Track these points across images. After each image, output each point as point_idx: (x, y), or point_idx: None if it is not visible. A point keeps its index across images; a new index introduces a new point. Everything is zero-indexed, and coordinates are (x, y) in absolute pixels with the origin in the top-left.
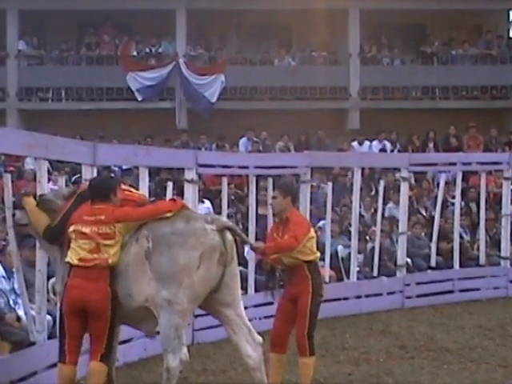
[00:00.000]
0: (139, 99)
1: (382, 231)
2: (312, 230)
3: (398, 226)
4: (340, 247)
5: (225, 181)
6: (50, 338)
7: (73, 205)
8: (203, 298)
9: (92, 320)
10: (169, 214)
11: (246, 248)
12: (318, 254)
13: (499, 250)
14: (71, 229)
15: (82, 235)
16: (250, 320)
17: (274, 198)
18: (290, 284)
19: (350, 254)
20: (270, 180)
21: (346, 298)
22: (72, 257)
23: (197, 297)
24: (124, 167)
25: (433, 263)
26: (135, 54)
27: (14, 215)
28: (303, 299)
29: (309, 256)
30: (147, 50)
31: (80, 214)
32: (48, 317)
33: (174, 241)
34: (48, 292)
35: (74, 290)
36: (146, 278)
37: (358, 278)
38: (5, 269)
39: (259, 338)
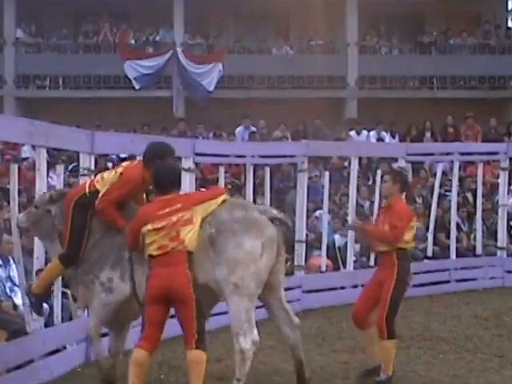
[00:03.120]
0: (136, 88)
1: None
2: (414, 219)
3: None
4: (337, 236)
5: (222, 170)
6: (46, 326)
7: (76, 216)
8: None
9: (178, 307)
10: (222, 198)
11: None
12: (413, 244)
13: (496, 240)
14: (145, 229)
15: (159, 230)
16: None
17: (384, 181)
18: (379, 267)
19: (346, 243)
20: (267, 169)
21: (342, 288)
22: (151, 249)
23: (262, 282)
24: (121, 156)
25: (429, 253)
26: (133, 42)
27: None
28: (387, 284)
29: (401, 244)
30: (145, 38)
31: (152, 212)
32: (45, 305)
33: (237, 228)
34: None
35: (156, 279)
36: (209, 262)
37: (354, 268)
38: (0, 256)
39: (297, 320)
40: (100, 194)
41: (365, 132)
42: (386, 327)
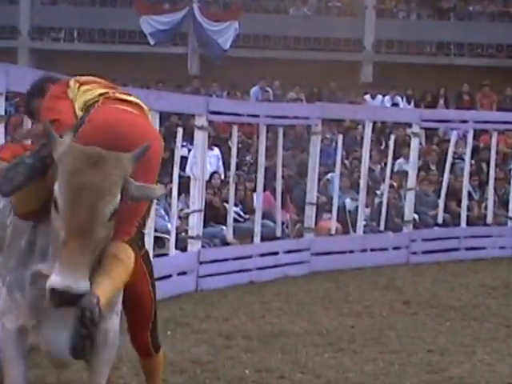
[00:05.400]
0: (152, 43)
1: (390, 186)
2: None
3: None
4: (348, 200)
5: (235, 128)
6: None
7: None
8: None
9: None
10: None
11: (255, 197)
12: None
13: (507, 210)
14: None
15: None
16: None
17: None
18: None
19: (357, 207)
20: (281, 130)
21: (351, 251)
22: None
23: None
24: None
25: (440, 220)
26: None
27: None
28: None
29: None
30: None
31: None
32: None
33: None
34: None
35: None
36: None
37: (364, 232)
38: None
39: None
40: None
41: (379, 96)
42: None
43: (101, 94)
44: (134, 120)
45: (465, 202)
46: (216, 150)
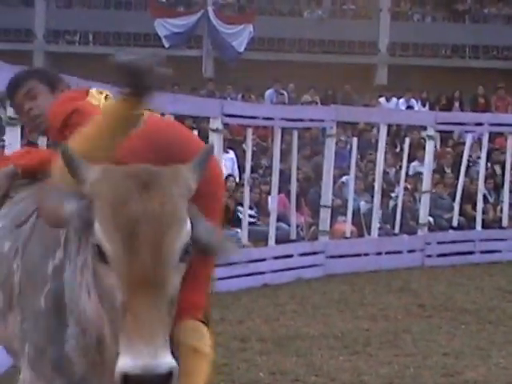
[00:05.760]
0: (166, 46)
1: (405, 189)
2: None
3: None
4: (362, 203)
5: (249, 131)
6: None
7: None
8: None
9: None
10: None
11: (270, 200)
12: None
13: None
14: None
15: None
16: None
17: None
18: None
19: (371, 209)
20: (295, 133)
21: (366, 254)
22: None
23: None
24: None
25: (455, 223)
26: (164, 0)
27: None
28: None
29: None
30: None
31: None
32: None
33: None
34: None
35: None
36: None
37: (378, 235)
38: None
39: None
40: None
41: (394, 99)
42: None
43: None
44: (172, 123)
45: (480, 205)
46: (231, 153)
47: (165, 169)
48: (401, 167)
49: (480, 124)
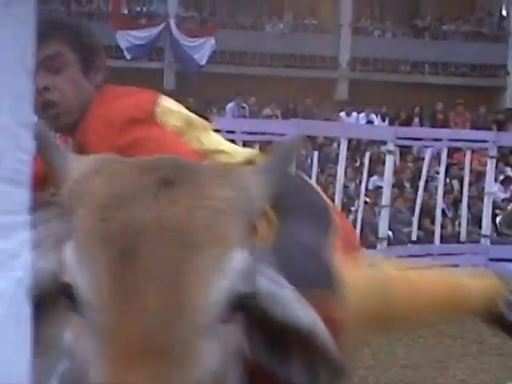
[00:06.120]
0: (128, 58)
1: (365, 203)
2: None
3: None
4: None
5: None
6: None
7: None
8: None
9: None
10: None
11: None
12: None
13: (480, 227)
14: None
15: None
16: None
17: None
18: None
19: None
20: (257, 146)
21: None
22: None
23: None
24: None
25: (414, 237)
26: (126, 12)
27: None
28: None
29: None
30: (138, 8)
31: None
32: None
33: None
34: None
35: None
36: None
37: None
38: None
39: None
40: None
41: (355, 114)
42: None
43: None
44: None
45: (438, 220)
46: None
47: (206, 164)
48: (361, 181)
49: (439, 139)
